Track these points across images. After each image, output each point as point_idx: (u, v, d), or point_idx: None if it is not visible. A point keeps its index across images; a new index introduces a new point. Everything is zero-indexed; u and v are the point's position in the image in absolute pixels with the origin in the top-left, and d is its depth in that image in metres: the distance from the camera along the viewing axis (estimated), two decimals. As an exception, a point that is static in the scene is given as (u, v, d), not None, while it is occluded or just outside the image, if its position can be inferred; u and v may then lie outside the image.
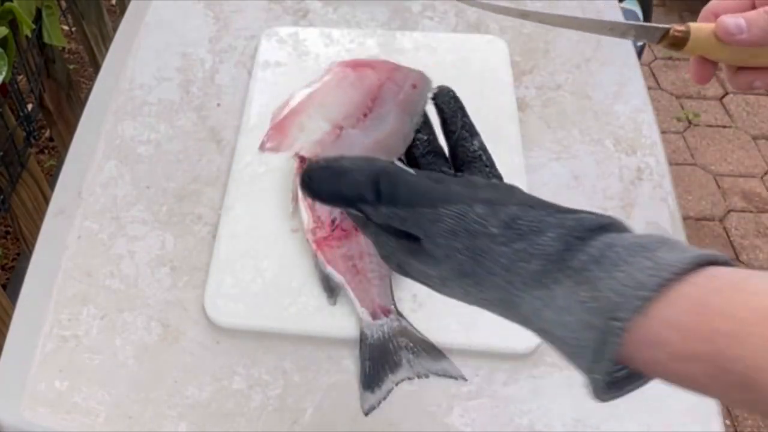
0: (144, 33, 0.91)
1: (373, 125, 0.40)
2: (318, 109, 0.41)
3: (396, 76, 0.42)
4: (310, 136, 0.40)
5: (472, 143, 0.41)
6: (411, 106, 0.41)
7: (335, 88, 0.41)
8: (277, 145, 0.40)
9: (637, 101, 0.83)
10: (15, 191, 1.25)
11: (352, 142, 0.40)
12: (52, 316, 0.64)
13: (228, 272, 0.65)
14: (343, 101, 0.41)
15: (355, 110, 0.40)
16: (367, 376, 0.59)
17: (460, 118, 0.42)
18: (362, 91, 0.41)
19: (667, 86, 2.20)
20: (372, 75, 0.41)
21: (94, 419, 0.58)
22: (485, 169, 0.41)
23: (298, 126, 0.40)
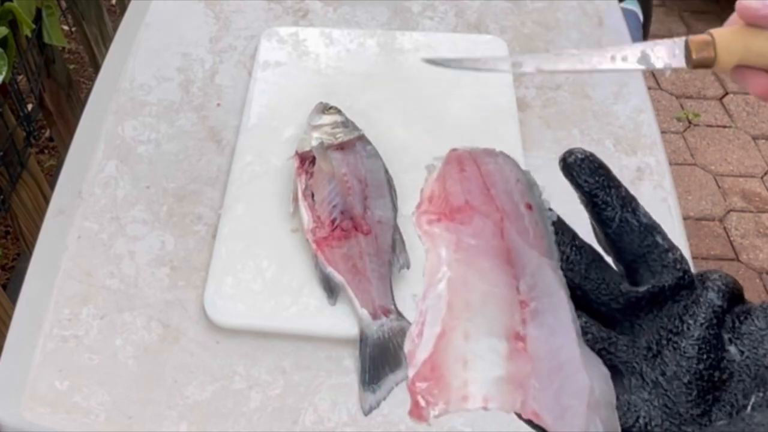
0: (144, 33, 0.91)
1: (543, 305, 0.25)
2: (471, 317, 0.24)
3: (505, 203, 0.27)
4: (489, 370, 0.24)
5: (639, 226, 0.29)
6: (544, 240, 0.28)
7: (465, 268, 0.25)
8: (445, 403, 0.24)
9: (637, 101, 0.83)
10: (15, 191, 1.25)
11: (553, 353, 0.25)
12: (52, 316, 0.64)
13: (228, 272, 0.65)
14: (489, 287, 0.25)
15: (508, 293, 0.25)
16: (367, 375, 0.59)
17: (617, 194, 0.29)
18: (494, 257, 0.26)
19: (667, 86, 2.20)
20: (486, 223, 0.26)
21: (94, 419, 0.58)
22: (666, 255, 0.28)
23: (460, 361, 0.24)
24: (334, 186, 0.67)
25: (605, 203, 0.29)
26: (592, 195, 0.29)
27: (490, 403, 0.24)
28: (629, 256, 0.29)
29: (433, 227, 0.27)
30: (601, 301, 0.28)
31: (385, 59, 0.87)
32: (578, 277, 0.28)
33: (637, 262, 0.29)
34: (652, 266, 0.28)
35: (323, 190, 0.67)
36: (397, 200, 0.69)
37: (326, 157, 0.69)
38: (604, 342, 0.27)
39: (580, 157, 0.29)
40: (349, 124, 0.74)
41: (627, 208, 0.29)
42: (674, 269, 0.28)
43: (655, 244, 0.29)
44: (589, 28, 0.93)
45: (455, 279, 0.25)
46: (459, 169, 0.28)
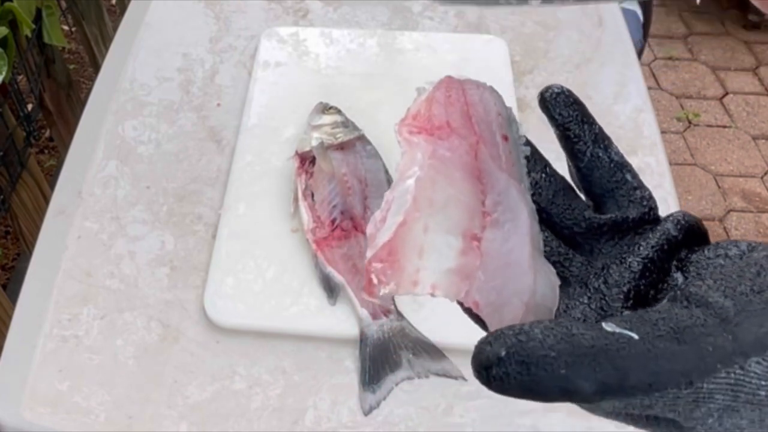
0: (144, 33, 0.91)
1: (505, 216, 0.27)
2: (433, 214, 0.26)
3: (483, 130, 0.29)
4: (441, 262, 0.26)
5: (609, 162, 0.31)
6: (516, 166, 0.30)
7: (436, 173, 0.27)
8: (396, 283, 0.26)
9: (637, 101, 0.84)
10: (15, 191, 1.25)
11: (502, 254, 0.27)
12: (52, 316, 0.64)
13: (228, 272, 0.65)
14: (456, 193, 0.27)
15: (473, 201, 0.27)
16: (367, 376, 0.59)
17: (590, 129, 0.31)
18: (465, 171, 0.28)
19: (667, 86, 2.20)
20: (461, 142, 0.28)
21: (94, 419, 0.58)
22: (635, 193, 0.30)
23: (416, 248, 0.26)
24: (334, 186, 0.67)
25: (577, 137, 0.31)
26: (565, 128, 0.31)
27: (437, 290, 0.26)
28: (598, 190, 0.31)
29: (413, 137, 0.28)
30: (565, 224, 0.30)
31: (385, 59, 0.87)
32: (545, 201, 0.30)
33: (605, 197, 0.30)
34: (619, 201, 0.30)
35: (323, 190, 0.67)
36: (397, 200, 0.69)
37: (326, 157, 0.69)
38: (560, 256, 0.29)
39: (557, 91, 0.31)
40: (349, 124, 0.74)
41: (599, 144, 0.31)
42: (640, 205, 0.30)
43: (624, 180, 0.30)
44: (589, 28, 0.93)
45: (424, 178, 0.27)
46: (446, 95, 0.30)
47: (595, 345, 0.23)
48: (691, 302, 0.24)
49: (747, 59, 2.29)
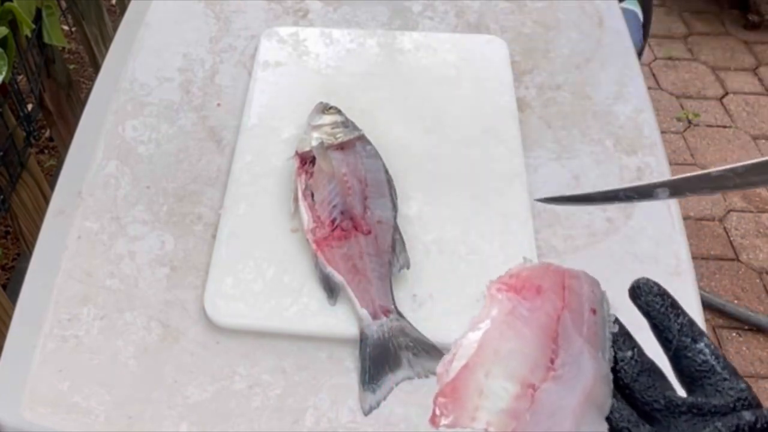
0: (144, 33, 0.91)
1: (569, 375, 0.31)
2: (496, 362, 0.31)
3: (571, 301, 0.33)
4: (496, 403, 0.30)
5: (698, 351, 0.33)
6: (598, 336, 0.33)
7: (507, 329, 0.31)
8: (455, 418, 0.30)
9: (637, 101, 0.83)
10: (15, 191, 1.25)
11: (553, 404, 0.30)
12: (52, 316, 0.64)
13: (228, 272, 0.65)
14: (522, 347, 0.31)
15: (540, 357, 0.31)
16: (367, 376, 0.59)
17: (675, 320, 0.33)
18: (539, 330, 0.32)
19: (667, 86, 2.20)
20: (545, 305, 0.32)
21: (94, 419, 0.58)
22: (723, 384, 0.32)
23: (476, 389, 0.30)
24: (334, 186, 0.67)
25: (664, 327, 0.33)
26: (652, 317, 0.33)
27: (490, 427, 0.30)
28: (688, 378, 0.33)
29: (499, 293, 0.32)
30: (645, 400, 0.32)
31: (385, 59, 0.87)
32: (629, 378, 0.33)
33: (695, 384, 0.32)
34: (707, 390, 0.32)
35: (323, 190, 0.67)
36: (397, 200, 0.69)
37: (326, 157, 0.69)
38: (630, 423, 0.31)
39: (648, 288, 0.34)
40: (349, 124, 0.74)
41: (685, 334, 0.33)
42: (727, 395, 0.31)
43: (714, 371, 0.32)
44: (589, 28, 0.93)
45: (492, 332, 0.31)
46: (547, 270, 0.34)
47: None
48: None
49: (747, 59, 2.29)
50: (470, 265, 0.66)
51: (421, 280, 0.65)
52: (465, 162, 0.74)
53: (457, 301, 0.63)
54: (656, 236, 0.70)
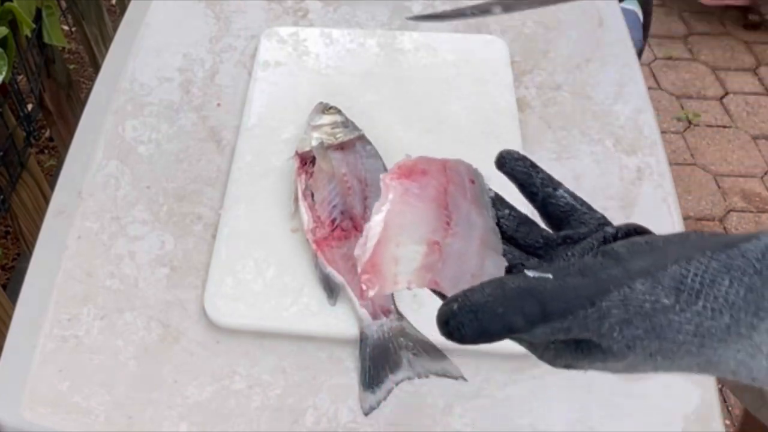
0: (144, 33, 0.91)
1: (464, 230, 0.37)
2: (401, 234, 0.36)
3: (453, 177, 0.39)
4: (410, 264, 0.36)
5: (559, 197, 0.39)
6: (480, 200, 0.39)
7: (404, 206, 0.37)
8: (380, 287, 0.35)
9: (637, 101, 0.83)
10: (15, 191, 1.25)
11: (458, 251, 0.36)
12: (52, 316, 0.64)
13: (228, 272, 0.65)
14: (421, 217, 0.37)
15: (437, 221, 0.37)
16: (367, 376, 0.59)
17: (536, 175, 0.39)
18: (431, 201, 0.37)
19: (667, 86, 2.20)
20: (432, 182, 0.38)
21: (94, 419, 0.58)
22: (585, 216, 0.38)
23: (392, 259, 0.36)
24: (334, 186, 0.67)
25: (527, 183, 0.39)
26: (517, 178, 0.40)
27: (411, 284, 0.35)
28: (555, 220, 0.39)
29: (392, 182, 0.37)
30: (527, 243, 0.38)
31: (385, 59, 0.87)
32: (511, 230, 0.39)
33: (562, 224, 0.38)
34: (573, 225, 0.38)
35: (323, 190, 0.67)
36: (397, 200, 0.69)
37: (326, 157, 0.69)
38: (518, 260, 0.38)
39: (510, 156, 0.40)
40: (349, 124, 0.74)
41: (547, 186, 0.39)
42: (590, 223, 0.37)
43: (574, 209, 0.38)
44: (589, 28, 0.93)
45: (393, 211, 0.37)
46: (429, 159, 0.39)
47: (520, 286, 0.31)
48: (599, 254, 0.33)
49: (747, 59, 2.29)
50: (470, 265, 0.66)
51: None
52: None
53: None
54: (656, 236, 0.70)
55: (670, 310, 0.30)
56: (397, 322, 0.61)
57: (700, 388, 0.60)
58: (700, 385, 0.60)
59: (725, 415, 1.48)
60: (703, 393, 0.59)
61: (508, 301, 0.30)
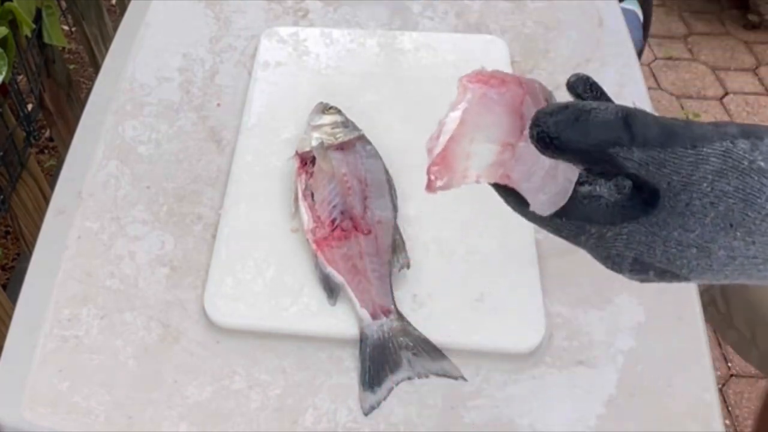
0: (144, 33, 0.91)
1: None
2: (477, 132, 0.36)
3: (530, 90, 0.39)
4: (483, 160, 0.36)
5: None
6: None
7: (483, 107, 0.37)
8: (449, 179, 0.36)
9: (637, 101, 0.83)
10: (15, 191, 1.25)
11: (532, 153, 0.35)
12: (52, 316, 0.64)
13: (228, 272, 0.65)
14: (497, 120, 0.37)
15: (513, 126, 0.37)
16: (367, 375, 0.59)
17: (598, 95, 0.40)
18: (509, 108, 0.37)
19: (667, 86, 2.20)
20: (510, 90, 0.38)
21: (94, 419, 0.58)
22: None
23: (464, 155, 0.36)
24: (334, 186, 0.67)
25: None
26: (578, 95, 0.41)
27: (481, 178, 0.37)
28: None
29: (470, 84, 0.37)
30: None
31: (385, 59, 0.87)
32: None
33: None
34: None
35: (323, 190, 0.67)
36: (397, 200, 0.69)
37: (326, 157, 0.69)
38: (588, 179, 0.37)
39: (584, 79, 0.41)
40: (349, 124, 0.74)
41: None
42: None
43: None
44: (589, 28, 0.93)
45: (470, 110, 0.36)
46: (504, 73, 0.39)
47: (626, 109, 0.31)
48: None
49: (747, 59, 2.29)
50: (470, 265, 0.66)
51: (421, 280, 0.65)
52: None
53: (457, 301, 0.63)
54: (656, 236, 0.70)
55: (764, 174, 0.29)
56: (397, 322, 0.61)
57: (700, 388, 0.60)
58: (700, 385, 0.60)
59: (725, 415, 1.48)
60: (703, 393, 0.59)
61: (620, 113, 0.30)
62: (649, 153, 0.30)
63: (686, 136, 0.30)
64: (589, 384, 0.60)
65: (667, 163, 0.30)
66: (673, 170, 0.30)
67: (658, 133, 0.30)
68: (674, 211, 0.31)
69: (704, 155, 0.30)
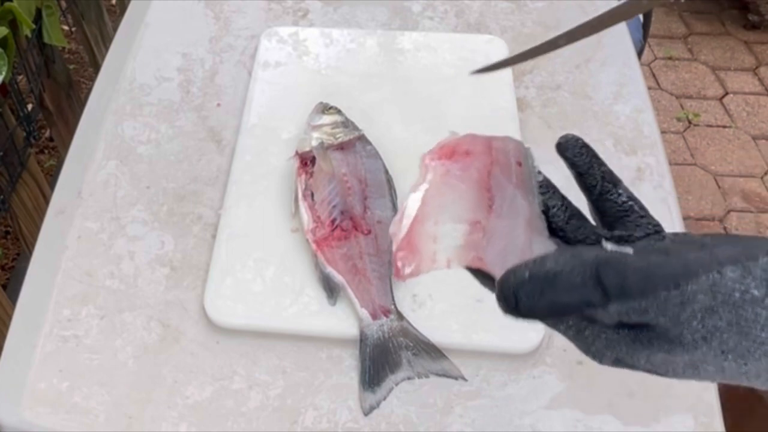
0: (144, 33, 0.91)
1: (507, 211, 0.34)
2: (441, 213, 0.34)
3: (499, 157, 0.36)
4: (451, 242, 0.33)
5: (618, 194, 0.35)
6: (527, 184, 0.36)
7: (444, 186, 0.34)
8: (417, 265, 0.33)
9: (637, 101, 0.83)
10: (15, 191, 1.25)
11: (503, 229, 0.33)
12: (52, 316, 0.64)
13: (228, 272, 0.65)
14: (462, 198, 0.34)
15: (478, 204, 0.34)
16: (367, 375, 0.59)
17: (598, 168, 0.36)
18: (474, 185, 0.35)
19: (667, 86, 2.20)
20: (475, 163, 0.35)
21: (94, 419, 0.58)
22: (641, 220, 0.35)
23: (430, 237, 0.33)
24: (334, 186, 0.67)
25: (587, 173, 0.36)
26: (577, 166, 0.36)
27: (451, 263, 0.34)
28: (610, 218, 0.36)
29: (432, 162, 0.35)
30: (576, 239, 0.35)
31: (385, 59, 0.87)
32: (561, 221, 0.36)
33: (616, 225, 0.35)
34: (628, 227, 0.35)
35: (323, 190, 0.67)
36: (397, 200, 0.69)
37: (326, 157, 0.69)
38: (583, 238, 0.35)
39: (574, 141, 0.37)
40: (349, 124, 0.74)
41: (607, 180, 0.36)
42: (646, 227, 0.34)
43: (632, 210, 0.35)
44: (589, 28, 0.93)
45: (432, 189, 0.34)
46: (474, 137, 0.37)
47: (598, 257, 0.28)
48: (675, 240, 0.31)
49: (747, 59, 2.29)
50: (470, 265, 0.66)
51: (420, 280, 0.65)
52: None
53: (456, 301, 0.63)
54: (656, 236, 0.70)
55: (758, 303, 0.27)
56: (397, 322, 0.61)
57: (700, 388, 0.60)
58: (701, 385, 0.60)
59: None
60: (703, 393, 0.59)
61: (587, 271, 0.28)
62: (628, 304, 0.28)
63: (668, 275, 0.28)
64: (589, 384, 0.60)
65: (649, 309, 0.28)
66: (657, 314, 0.28)
67: (636, 280, 0.28)
68: (662, 338, 0.29)
69: (690, 294, 0.27)
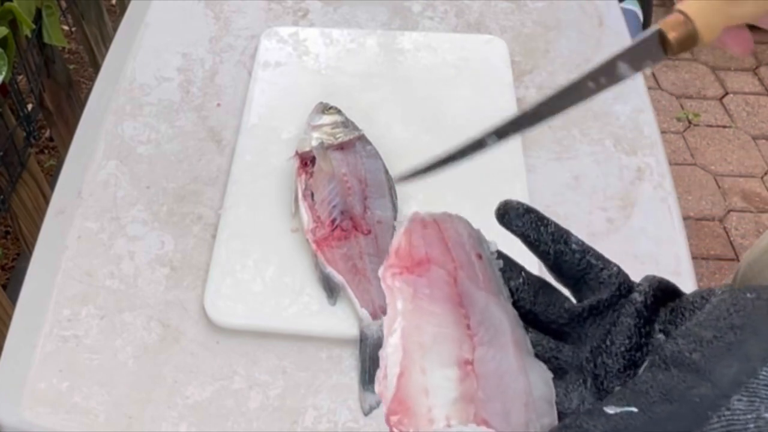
0: (144, 33, 0.91)
1: (489, 333, 0.32)
2: (425, 358, 0.30)
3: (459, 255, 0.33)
4: (445, 395, 0.30)
5: (572, 252, 0.34)
6: (492, 281, 0.34)
7: (418, 317, 0.31)
8: (415, 428, 0.30)
9: (637, 101, 0.83)
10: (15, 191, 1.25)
11: (495, 370, 0.30)
12: (52, 316, 0.64)
13: (228, 272, 0.65)
14: (439, 328, 0.31)
15: (458, 329, 0.31)
16: (367, 376, 0.59)
17: (545, 231, 0.35)
18: (445, 302, 0.32)
19: (667, 86, 2.20)
20: (441, 273, 0.32)
21: (94, 419, 0.58)
22: (602, 274, 0.34)
23: (421, 391, 0.30)
24: (334, 186, 0.67)
25: (537, 240, 0.35)
26: (525, 236, 0.35)
27: (451, 420, 0.29)
28: (570, 279, 0.34)
29: (395, 281, 0.32)
30: (550, 319, 0.34)
31: (385, 59, 0.87)
32: (528, 303, 0.34)
33: (578, 283, 0.34)
34: (591, 284, 0.34)
35: (323, 190, 0.67)
36: (397, 200, 0.69)
37: (326, 157, 0.69)
38: (552, 351, 0.33)
39: (515, 209, 0.35)
40: (349, 124, 0.74)
41: (558, 241, 0.34)
42: (610, 284, 0.33)
43: (590, 265, 0.34)
44: (589, 28, 0.93)
45: (408, 327, 0.31)
46: (422, 226, 0.34)
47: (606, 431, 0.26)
48: (669, 364, 0.28)
49: (747, 59, 2.29)
50: (470, 265, 0.66)
51: (421, 280, 0.65)
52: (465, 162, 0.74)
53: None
54: (656, 236, 0.70)
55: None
56: (397, 322, 0.60)
57: None
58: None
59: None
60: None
61: None
62: None
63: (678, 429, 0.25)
64: (589, 384, 0.60)
65: None
66: None
67: None
68: None
69: None
